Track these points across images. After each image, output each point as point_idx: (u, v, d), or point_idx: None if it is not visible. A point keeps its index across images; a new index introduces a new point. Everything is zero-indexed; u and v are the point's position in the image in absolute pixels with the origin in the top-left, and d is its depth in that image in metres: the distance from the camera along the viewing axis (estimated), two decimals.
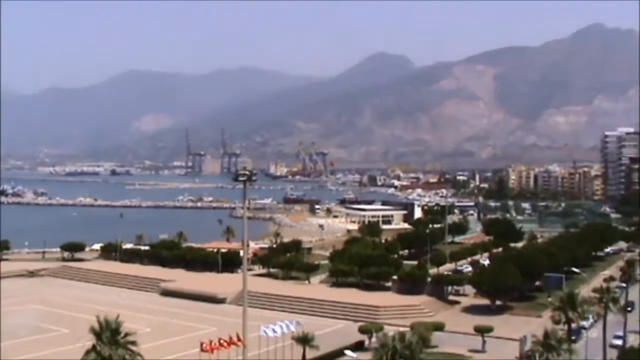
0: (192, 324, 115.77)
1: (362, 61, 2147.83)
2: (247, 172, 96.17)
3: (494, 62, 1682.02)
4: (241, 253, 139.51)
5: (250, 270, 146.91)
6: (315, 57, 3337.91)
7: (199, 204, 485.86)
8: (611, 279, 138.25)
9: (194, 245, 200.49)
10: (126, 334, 56.81)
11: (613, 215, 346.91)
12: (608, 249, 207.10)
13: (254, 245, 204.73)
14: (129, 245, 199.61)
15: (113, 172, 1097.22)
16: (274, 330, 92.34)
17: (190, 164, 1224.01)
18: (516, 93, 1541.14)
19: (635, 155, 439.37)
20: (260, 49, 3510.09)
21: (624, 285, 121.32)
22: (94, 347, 56.03)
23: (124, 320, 57.37)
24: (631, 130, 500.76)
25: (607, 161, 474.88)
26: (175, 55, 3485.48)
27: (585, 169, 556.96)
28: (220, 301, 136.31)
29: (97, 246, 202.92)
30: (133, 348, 56.78)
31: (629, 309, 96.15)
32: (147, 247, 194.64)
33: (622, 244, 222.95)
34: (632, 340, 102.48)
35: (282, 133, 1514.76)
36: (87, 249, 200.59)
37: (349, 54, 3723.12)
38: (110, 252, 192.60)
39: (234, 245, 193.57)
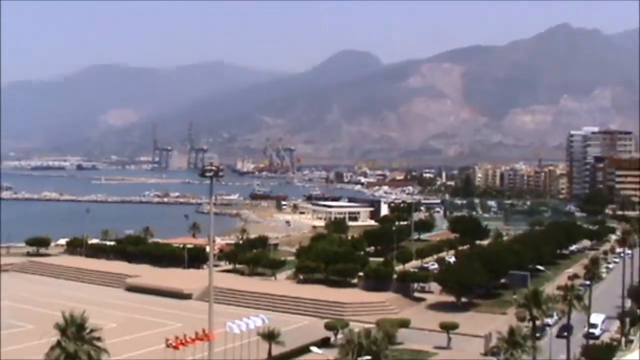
0: (158, 320, 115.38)
1: (330, 58, 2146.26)
2: (213, 168, 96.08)
3: (461, 61, 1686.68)
4: (207, 249, 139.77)
5: (216, 266, 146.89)
6: (283, 53, 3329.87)
7: (165, 200, 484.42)
8: (575, 276, 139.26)
9: (160, 240, 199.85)
10: (91, 330, 56.46)
11: (578, 214, 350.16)
12: (573, 247, 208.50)
13: (220, 241, 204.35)
14: (94, 241, 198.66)
15: (79, 167, 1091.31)
16: (239, 327, 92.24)
17: (157, 159, 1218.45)
18: (483, 91, 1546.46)
19: (599, 155, 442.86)
20: (229, 43, 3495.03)
21: (588, 283, 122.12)
22: (58, 343, 55.65)
23: (89, 316, 57.00)
24: (596, 129, 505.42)
25: (572, 160, 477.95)
26: (143, 49, 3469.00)
27: (551, 168, 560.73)
28: (186, 297, 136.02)
29: (62, 241, 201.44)
30: (98, 344, 56.45)
31: (564, 334, 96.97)
32: (113, 243, 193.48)
33: (586, 242, 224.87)
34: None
35: (249, 129, 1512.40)
36: (52, 244, 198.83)
37: (317, 51, 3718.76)
38: (75, 247, 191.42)
39: (200, 241, 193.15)
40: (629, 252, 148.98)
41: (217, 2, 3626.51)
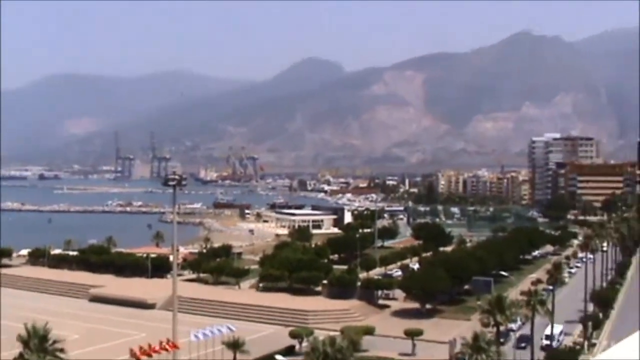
0: (122, 330, 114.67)
1: (293, 66, 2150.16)
2: (176, 177, 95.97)
3: (423, 68, 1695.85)
4: (171, 258, 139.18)
5: (180, 275, 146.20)
6: (246, 62, 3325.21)
7: (128, 209, 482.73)
8: (538, 281, 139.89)
9: (123, 250, 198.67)
10: (54, 341, 56.21)
11: (540, 220, 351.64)
12: (535, 253, 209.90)
13: (183, 250, 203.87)
14: (57, 251, 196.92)
15: (41, 177, 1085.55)
16: (204, 335, 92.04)
17: (119, 168, 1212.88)
18: (445, 99, 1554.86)
19: (561, 161, 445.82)
20: (192, 52, 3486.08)
21: (550, 288, 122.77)
22: (21, 355, 55.40)
23: (52, 327, 56.75)
24: (557, 135, 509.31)
25: (534, 166, 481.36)
26: (106, 57, 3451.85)
27: (513, 174, 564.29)
28: (150, 306, 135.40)
29: (24, 252, 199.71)
30: (62, 355, 56.21)
31: (522, 344, 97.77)
32: (75, 253, 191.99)
33: (549, 248, 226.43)
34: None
35: (212, 137, 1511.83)
36: (14, 254, 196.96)
37: (280, 59, 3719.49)
38: (38, 257, 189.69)
39: (164, 250, 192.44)
40: (591, 256, 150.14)
41: (179, 10, 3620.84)
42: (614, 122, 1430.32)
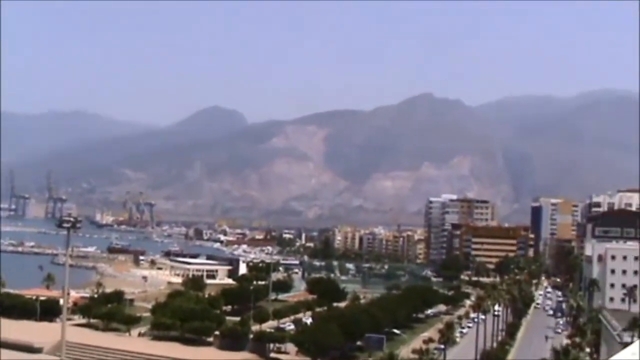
0: None
1: (195, 113, 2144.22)
2: (71, 219, 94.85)
3: (325, 124, 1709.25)
4: (61, 301, 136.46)
5: (69, 319, 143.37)
6: (149, 106, 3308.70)
7: (20, 249, 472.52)
8: (430, 340, 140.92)
9: (12, 291, 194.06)
10: None
11: (434, 279, 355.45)
12: (428, 311, 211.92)
13: (74, 294, 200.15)
14: None
15: None
16: None
17: (13, 206, 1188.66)
18: (345, 156, 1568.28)
19: (457, 222, 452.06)
20: (92, 93, 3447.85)
21: (442, 347, 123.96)
22: None
23: None
24: (454, 197, 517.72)
25: (431, 226, 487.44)
26: (4, 94, 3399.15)
27: (409, 233, 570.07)
28: (37, 351, 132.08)
29: None
30: None
31: None
32: None
33: (442, 307, 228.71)
34: None
35: (109, 181, 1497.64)
36: None
37: (183, 105, 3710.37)
38: None
39: (54, 293, 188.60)
40: (483, 317, 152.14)
41: (81, 48, 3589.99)
42: (509, 186, 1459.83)
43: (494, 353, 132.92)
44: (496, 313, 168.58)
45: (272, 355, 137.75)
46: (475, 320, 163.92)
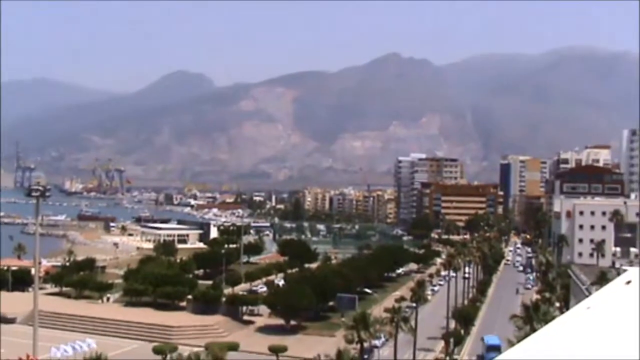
0: None
1: (161, 78, 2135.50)
2: (40, 188, 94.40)
3: (293, 85, 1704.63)
4: (33, 271, 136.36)
5: (41, 289, 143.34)
6: (114, 72, 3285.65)
7: None
8: (402, 299, 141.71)
9: None
10: None
11: (405, 238, 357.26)
12: (399, 270, 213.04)
13: (46, 263, 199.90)
14: None
15: None
16: (65, 351, 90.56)
17: None
18: (314, 117, 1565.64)
19: (426, 181, 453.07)
20: (56, 60, 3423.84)
21: (414, 305, 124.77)
22: None
23: None
24: (423, 156, 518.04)
25: (400, 185, 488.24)
26: None
27: (379, 193, 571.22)
28: (10, 321, 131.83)
29: None
30: None
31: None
32: None
33: (412, 266, 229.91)
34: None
35: (78, 148, 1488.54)
36: None
37: (149, 71, 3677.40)
38: None
39: (26, 262, 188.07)
40: (453, 274, 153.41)
41: (44, 14, 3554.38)
42: (478, 144, 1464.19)
43: (465, 310, 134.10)
44: (466, 275, 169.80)
45: (245, 317, 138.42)
46: (446, 277, 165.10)
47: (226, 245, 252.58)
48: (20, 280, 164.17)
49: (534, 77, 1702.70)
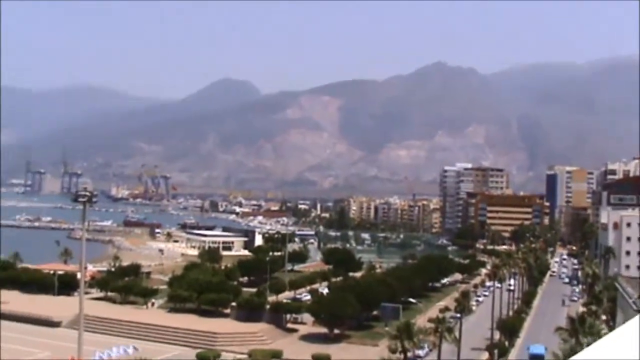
0: (25, 348, 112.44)
1: (208, 86, 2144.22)
2: (87, 193, 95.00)
3: (339, 94, 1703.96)
4: (78, 276, 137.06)
5: (87, 293, 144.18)
6: (161, 79, 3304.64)
7: (36, 224, 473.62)
8: (446, 309, 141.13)
9: (29, 266, 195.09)
10: None
11: (450, 248, 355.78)
12: (444, 280, 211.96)
13: (91, 268, 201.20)
14: None
15: None
16: (109, 355, 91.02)
17: (29, 182, 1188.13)
18: (359, 125, 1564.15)
19: (472, 190, 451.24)
20: (106, 68, 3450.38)
21: (458, 315, 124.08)
22: None
23: None
24: (469, 165, 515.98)
25: (445, 195, 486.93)
26: (16, 68, 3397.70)
27: (424, 202, 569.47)
28: (56, 325, 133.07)
29: None
30: None
31: None
32: None
33: (457, 276, 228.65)
34: None
35: (124, 154, 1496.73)
36: None
37: (196, 78, 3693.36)
38: None
39: (72, 267, 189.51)
40: (498, 285, 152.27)
41: (94, 24, 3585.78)
42: (524, 154, 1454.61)
43: (510, 321, 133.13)
44: (511, 287, 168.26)
45: (289, 325, 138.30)
46: (491, 288, 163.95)
47: (271, 253, 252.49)
48: (66, 285, 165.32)
49: (580, 86, 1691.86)
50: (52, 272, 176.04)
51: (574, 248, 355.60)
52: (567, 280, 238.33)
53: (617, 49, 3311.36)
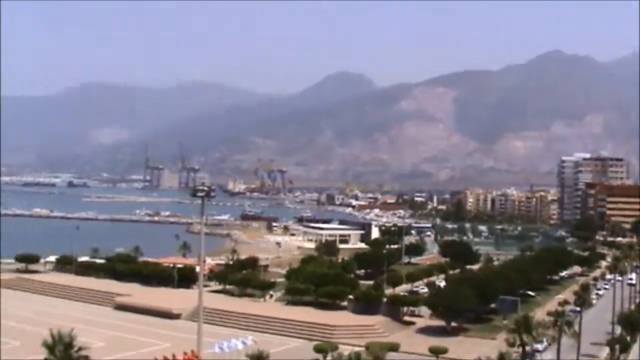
0: (146, 340, 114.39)
1: (323, 79, 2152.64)
2: (205, 188, 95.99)
3: (453, 85, 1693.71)
4: (197, 269, 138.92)
5: (206, 286, 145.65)
6: (276, 74, 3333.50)
7: (156, 219, 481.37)
8: (565, 302, 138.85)
9: (150, 259, 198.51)
10: (79, 348, 56.10)
11: (568, 240, 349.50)
12: (563, 273, 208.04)
13: (210, 262, 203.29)
14: (84, 258, 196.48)
15: (70, 184, 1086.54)
16: (228, 347, 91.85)
17: (148, 177, 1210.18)
18: (475, 116, 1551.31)
19: (590, 181, 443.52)
20: (221, 64, 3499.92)
21: (578, 309, 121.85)
22: None
23: (77, 334, 56.63)
24: (587, 155, 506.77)
25: (564, 186, 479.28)
26: (136, 67, 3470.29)
27: (542, 193, 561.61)
28: (176, 317, 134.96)
29: (52, 258, 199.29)
30: None
31: None
32: (102, 261, 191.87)
33: (576, 268, 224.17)
34: None
35: (240, 149, 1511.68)
36: (41, 260, 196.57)
37: (311, 72, 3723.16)
38: (65, 264, 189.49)
39: (190, 261, 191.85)
40: (619, 278, 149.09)
41: (210, 23, 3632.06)
42: None
43: (632, 315, 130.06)
44: (632, 281, 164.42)
45: (406, 318, 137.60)
46: (612, 281, 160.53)
47: (387, 246, 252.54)
48: (185, 278, 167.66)
49: None
50: (171, 265, 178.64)
51: None
52: None
53: None
